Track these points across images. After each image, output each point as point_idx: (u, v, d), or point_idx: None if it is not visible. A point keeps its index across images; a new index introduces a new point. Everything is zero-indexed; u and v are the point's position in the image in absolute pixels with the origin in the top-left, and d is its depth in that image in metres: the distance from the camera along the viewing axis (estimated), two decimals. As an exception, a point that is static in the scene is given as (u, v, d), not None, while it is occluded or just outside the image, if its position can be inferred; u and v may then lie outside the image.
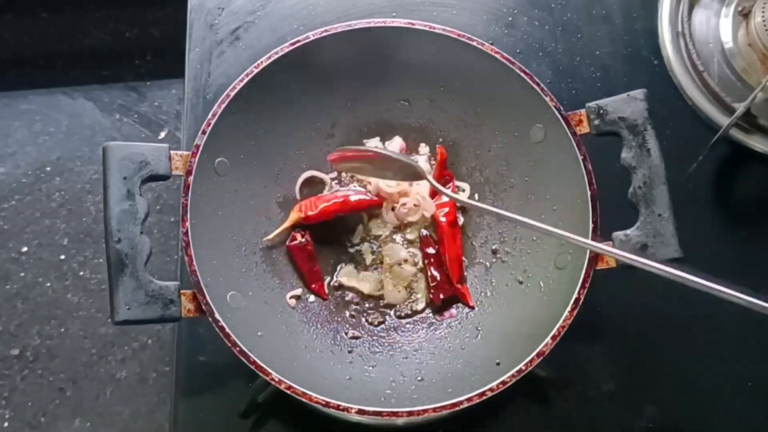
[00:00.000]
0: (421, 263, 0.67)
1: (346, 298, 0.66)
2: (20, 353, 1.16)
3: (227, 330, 0.55)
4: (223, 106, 0.60)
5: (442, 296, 0.65)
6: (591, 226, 0.58)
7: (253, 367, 0.54)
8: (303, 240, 0.66)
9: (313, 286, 0.65)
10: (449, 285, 0.65)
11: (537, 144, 0.64)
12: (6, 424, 1.11)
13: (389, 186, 0.67)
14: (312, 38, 0.63)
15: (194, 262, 0.56)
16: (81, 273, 1.20)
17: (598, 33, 0.79)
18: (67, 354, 1.16)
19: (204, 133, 0.60)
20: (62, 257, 1.21)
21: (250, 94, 0.62)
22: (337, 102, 0.68)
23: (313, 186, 0.69)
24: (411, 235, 0.68)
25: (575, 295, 0.56)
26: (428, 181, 0.61)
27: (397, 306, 0.66)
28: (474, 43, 0.63)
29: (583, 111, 0.61)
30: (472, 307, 0.65)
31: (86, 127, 1.30)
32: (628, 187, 0.59)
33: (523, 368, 0.54)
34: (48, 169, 1.27)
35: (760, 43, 0.73)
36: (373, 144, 0.69)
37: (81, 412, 1.13)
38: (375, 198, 0.67)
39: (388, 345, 0.64)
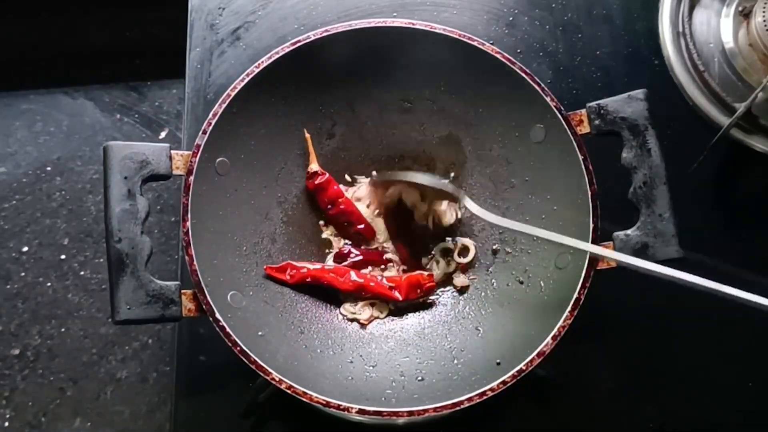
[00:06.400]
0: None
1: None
2: (21, 353, 1.16)
3: (228, 330, 0.55)
4: (224, 106, 0.60)
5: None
6: (591, 225, 0.58)
7: (253, 367, 0.54)
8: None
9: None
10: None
11: (537, 144, 0.64)
12: (6, 423, 1.11)
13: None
14: (312, 38, 0.63)
15: (195, 262, 0.56)
16: (81, 273, 1.20)
17: (598, 33, 0.79)
18: (68, 354, 1.16)
19: (205, 132, 0.59)
20: (63, 257, 1.21)
21: (250, 94, 0.62)
22: (338, 102, 0.68)
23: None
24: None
25: (576, 295, 0.56)
26: (461, 201, 0.64)
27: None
28: (474, 43, 0.63)
29: (583, 111, 0.61)
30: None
31: (87, 126, 1.30)
32: (628, 187, 0.59)
33: (524, 368, 0.54)
34: (48, 168, 1.27)
35: (761, 43, 0.73)
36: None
37: (81, 411, 1.13)
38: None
39: (389, 345, 0.64)
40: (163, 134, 1.30)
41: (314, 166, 0.68)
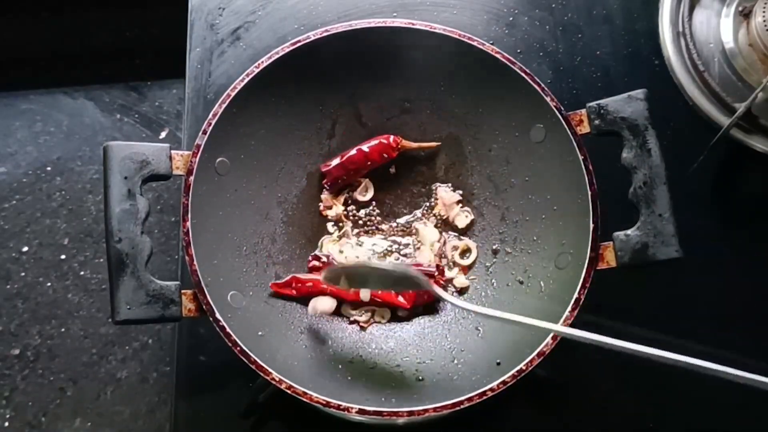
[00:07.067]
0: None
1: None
2: (21, 353, 1.15)
3: (228, 330, 0.55)
4: (224, 106, 0.60)
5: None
6: (591, 226, 0.58)
7: (253, 367, 0.54)
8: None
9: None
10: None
11: (537, 144, 0.64)
12: (6, 423, 1.11)
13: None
14: (312, 38, 0.63)
15: (195, 262, 0.56)
16: (81, 273, 1.20)
17: (598, 33, 0.79)
18: (68, 354, 1.15)
19: (205, 133, 0.60)
20: (63, 257, 1.21)
21: (250, 94, 0.62)
22: (338, 102, 0.68)
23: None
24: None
25: (576, 295, 0.56)
26: (432, 290, 0.57)
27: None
28: (475, 43, 0.63)
29: (583, 111, 0.61)
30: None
31: (87, 126, 1.29)
32: (628, 187, 0.59)
33: (524, 368, 0.55)
34: (48, 168, 1.26)
35: (761, 43, 0.73)
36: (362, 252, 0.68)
37: (81, 411, 1.12)
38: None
39: (389, 345, 0.64)
40: (163, 134, 1.30)
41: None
